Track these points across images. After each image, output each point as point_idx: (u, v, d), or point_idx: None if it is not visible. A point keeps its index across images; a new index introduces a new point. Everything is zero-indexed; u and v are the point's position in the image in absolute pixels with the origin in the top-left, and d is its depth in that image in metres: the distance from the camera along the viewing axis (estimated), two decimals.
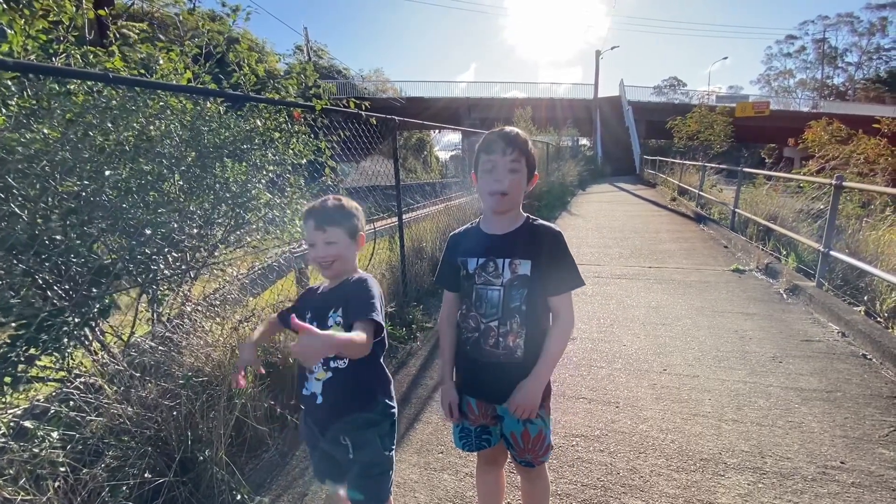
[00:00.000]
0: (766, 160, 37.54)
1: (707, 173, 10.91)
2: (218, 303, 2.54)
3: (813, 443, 2.26)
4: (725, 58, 77.21)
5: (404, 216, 4.80)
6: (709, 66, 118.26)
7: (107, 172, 1.94)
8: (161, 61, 2.49)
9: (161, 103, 2.16)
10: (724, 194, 10.46)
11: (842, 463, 2.11)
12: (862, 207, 5.59)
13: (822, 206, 6.60)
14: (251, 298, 2.77)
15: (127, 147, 2.14)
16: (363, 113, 3.39)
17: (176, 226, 2.31)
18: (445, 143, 49.24)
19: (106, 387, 1.85)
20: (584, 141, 32.22)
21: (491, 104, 32.92)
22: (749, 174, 7.71)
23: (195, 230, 2.43)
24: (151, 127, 2.07)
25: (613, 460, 2.20)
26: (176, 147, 2.29)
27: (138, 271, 2.12)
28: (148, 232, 2.14)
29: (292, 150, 2.75)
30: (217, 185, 2.40)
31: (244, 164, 2.51)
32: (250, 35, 36.18)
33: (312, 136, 3.10)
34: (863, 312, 3.61)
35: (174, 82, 2.37)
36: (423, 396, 2.85)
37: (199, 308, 2.42)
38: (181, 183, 2.33)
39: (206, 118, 2.44)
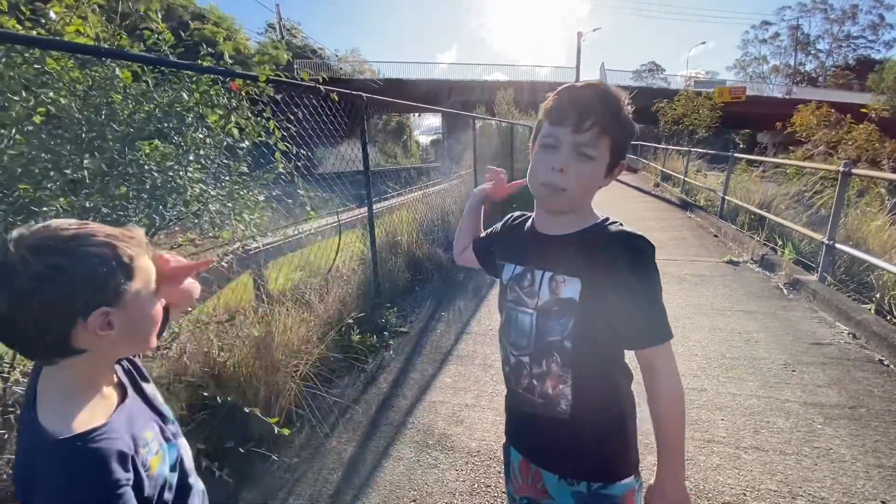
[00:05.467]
0: (741, 145, 38.04)
1: (691, 158, 10.68)
2: None
3: (846, 475, 1.94)
4: (703, 42, 77.93)
5: (377, 206, 4.33)
6: (687, 50, 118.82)
7: None
8: (52, 15, 1.95)
9: (37, 66, 1.63)
10: (710, 180, 10.27)
11: (883, 503, 1.80)
12: (858, 196, 5.38)
13: (809, 194, 6.39)
14: (182, 315, 2.27)
15: None
16: (322, 88, 2.88)
17: None
18: (426, 127, 48.30)
19: None
20: None
21: (472, 87, 32.18)
22: (736, 159, 7.45)
23: None
24: (16, 97, 1.54)
25: None
26: (68, 127, 1.77)
27: None
28: None
29: (226, 130, 2.23)
30: (125, 176, 1.89)
31: (162, 147, 2.00)
32: (218, 11, 34.31)
33: (259, 115, 2.58)
34: (873, 311, 3.35)
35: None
36: (396, 422, 2.43)
37: None
38: (71, 174, 1.81)
39: (114, 88, 1.91)
